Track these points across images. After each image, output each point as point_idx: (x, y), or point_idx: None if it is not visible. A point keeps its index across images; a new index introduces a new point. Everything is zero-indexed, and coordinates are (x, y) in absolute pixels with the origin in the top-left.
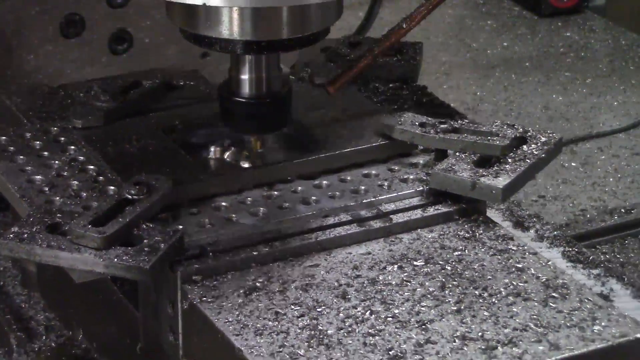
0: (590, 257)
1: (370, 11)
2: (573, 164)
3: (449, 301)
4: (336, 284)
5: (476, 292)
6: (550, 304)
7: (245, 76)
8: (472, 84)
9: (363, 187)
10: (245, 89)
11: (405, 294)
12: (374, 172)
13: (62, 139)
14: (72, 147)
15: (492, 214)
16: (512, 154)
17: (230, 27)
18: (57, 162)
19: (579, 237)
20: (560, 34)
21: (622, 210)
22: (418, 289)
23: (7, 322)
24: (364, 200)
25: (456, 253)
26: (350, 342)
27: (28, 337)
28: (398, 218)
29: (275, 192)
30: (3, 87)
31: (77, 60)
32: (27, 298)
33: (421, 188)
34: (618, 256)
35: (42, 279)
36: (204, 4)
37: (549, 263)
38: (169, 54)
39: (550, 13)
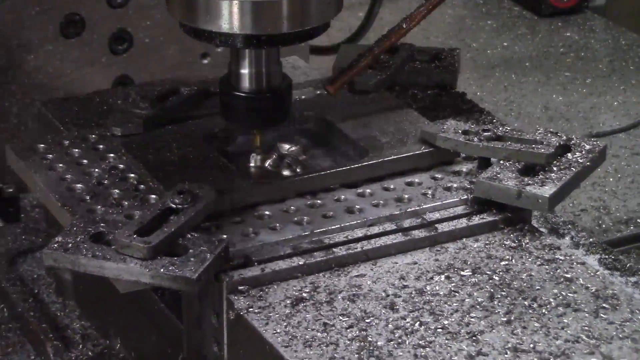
0: (628, 265)
1: (370, 11)
2: None
3: (499, 312)
4: (383, 294)
5: (525, 302)
6: (601, 314)
7: (245, 70)
8: (472, 84)
9: (407, 196)
10: (245, 83)
11: (454, 304)
12: (417, 180)
13: (101, 146)
14: (112, 154)
15: None
16: (557, 162)
17: (230, 21)
18: (96, 170)
19: (611, 243)
20: (560, 34)
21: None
22: (467, 300)
23: (43, 330)
24: (409, 209)
25: (503, 263)
26: (401, 353)
27: (65, 346)
28: (443, 227)
29: (319, 201)
30: (3, 87)
31: (77, 60)
32: (62, 306)
33: (465, 197)
34: None
35: (78, 288)
36: None
37: (598, 273)
38: (169, 54)
39: (550, 13)
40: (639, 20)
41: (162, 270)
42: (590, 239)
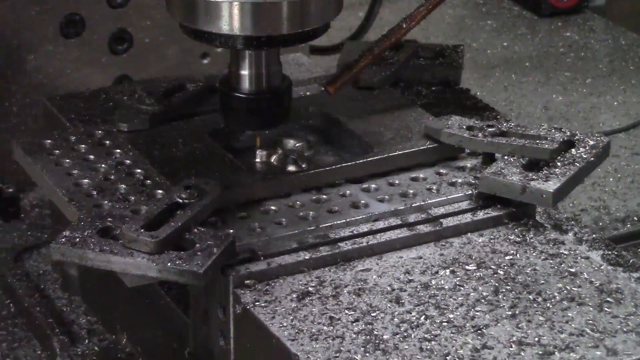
0: (631, 260)
1: (370, 11)
2: None
3: (504, 306)
4: (389, 288)
5: (530, 296)
6: (606, 308)
7: (245, 71)
8: (472, 84)
9: (412, 191)
10: (245, 84)
11: (459, 298)
12: (422, 175)
13: (107, 142)
14: (118, 150)
15: None
16: (561, 157)
17: (230, 22)
18: (103, 165)
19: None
20: (560, 34)
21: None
22: (471, 294)
23: (49, 325)
24: (413, 204)
25: (508, 257)
26: (407, 347)
27: (71, 341)
28: (448, 222)
29: (324, 196)
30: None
31: (77, 60)
32: (68, 302)
33: (470, 192)
34: None
35: (84, 283)
36: None
37: (602, 267)
38: (169, 54)
39: (550, 13)
40: (639, 20)
41: (169, 264)
42: (594, 235)
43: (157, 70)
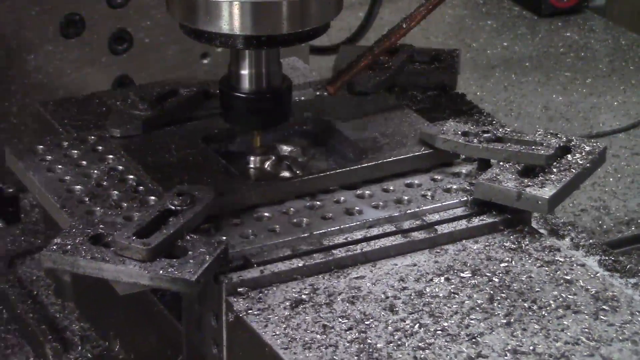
0: (628, 266)
1: (370, 11)
2: None
3: (498, 314)
4: (383, 296)
5: (525, 304)
6: (601, 317)
7: (245, 71)
8: (472, 84)
9: (406, 197)
10: (245, 84)
11: (454, 306)
12: (416, 181)
13: (100, 148)
14: (111, 156)
15: None
16: (556, 163)
17: (231, 22)
18: (96, 171)
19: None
20: (560, 34)
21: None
22: (466, 301)
23: (42, 332)
24: (408, 211)
25: (503, 264)
26: (400, 356)
27: (64, 348)
28: (443, 229)
29: (318, 203)
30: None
31: (77, 60)
32: (61, 308)
33: (465, 198)
34: None
35: (77, 289)
36: None
37: (598, 275)
38: (169, 54)
39: (550, 13)
40: (639, 20)
41: (161, 272)
42: (590, 240)
43: (157, 70)
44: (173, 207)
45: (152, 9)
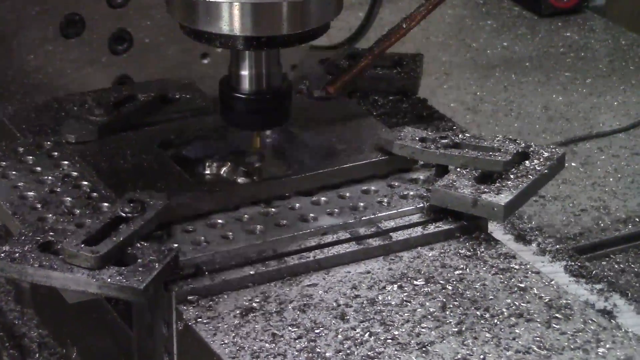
0: (593, 272)
1: (370, 11)
2: (573, 164)
3: (450, 322)
4: (335, 304)
5: (478, 312)
6: (554, 325)
7: (245, 72)
8: (472, 84)
9: (362, 204)
10: (245, 85)
11: (405, 314)
12: (373, 188)
13: (56, 153)
14: (66, 162)
15: (493, 227)
16: (514, 169)
17: (231, 22)
18: (50, 177)
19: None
20: (560, 34)
21: (637, 219)
22: (418, 310)
23: (0, 339)
24: (363, 218)
25: (457, 272)
26: None
27: (21, 355)
28: (398, 236)
29: (273, 209)
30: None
31: (77, 60)
32: (21, 314)
33: (421, 205)
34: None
35: (36, 296)
36: None
37: (552, 282)
38: (169, 54)
39: (550, 13)
40: (639, 20)
41: (109, 280)
42: (557, 246)
43: (157, 70)
44: (124, 214)
45: (152, 9)
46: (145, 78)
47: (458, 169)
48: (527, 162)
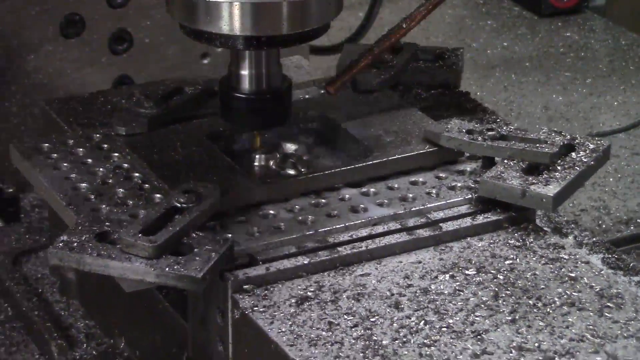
0: (631, 264)
1: (370, 11)
2: None
3: (503, 311)
4: (388, 293)
5: (530, 301)
6: (606, 314)
7: (245, 72)
8: (472, 84)
9: (411, 195)
10: (246, 85)
11: (459, 303)
12: (421, 179)
13: (105, 145)
14: (116, 154)
15: None
16: (561, 161)
17: (231, 22)
18: (101, 169)
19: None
20: (560, 34)
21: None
22: (471, 299)
23: (47, 330)
24: (413, 208)
25: (507, 262)
26: (406, 352)
27: (69, 345)
28: (447, 226)
29: (323, 200)
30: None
31: (77, 60)
32: (66, 306)
33: (469, 196)
34: None
35: (82, 287)
36: None
37: (602, 272)
38: (169, 54)
39: (550, 13)
40: (639, 20)
41: (167, 269)
42: (594, 239)
43: (157, 70)
44: (179, 205)
45: (152, 9)
46: (145, 78)
47: (505, 161)
48: (573, 153)
